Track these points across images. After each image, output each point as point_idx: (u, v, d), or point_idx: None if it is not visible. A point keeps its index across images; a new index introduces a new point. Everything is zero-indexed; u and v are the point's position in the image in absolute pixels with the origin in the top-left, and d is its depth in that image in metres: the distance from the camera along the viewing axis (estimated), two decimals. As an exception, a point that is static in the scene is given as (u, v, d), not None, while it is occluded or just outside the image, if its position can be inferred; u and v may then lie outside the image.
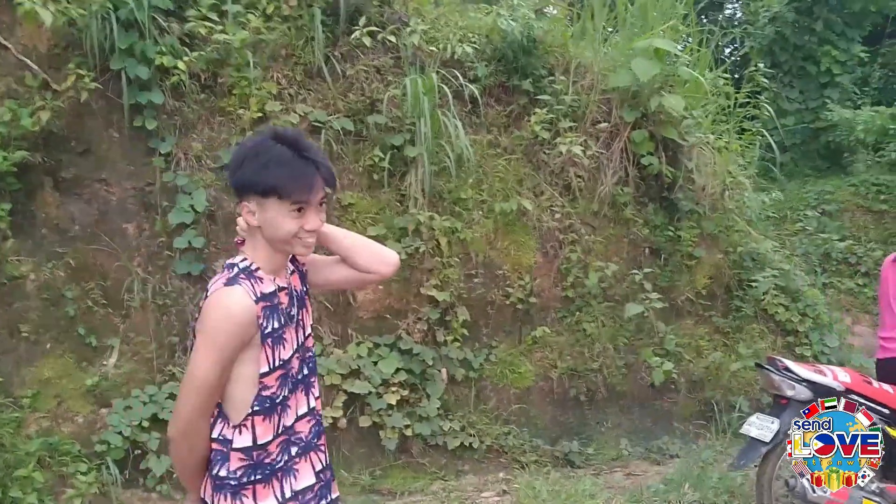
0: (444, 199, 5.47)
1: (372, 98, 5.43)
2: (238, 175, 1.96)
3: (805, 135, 9.94)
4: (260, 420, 1.95)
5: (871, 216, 8.84)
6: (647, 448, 5.86)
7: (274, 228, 1.94)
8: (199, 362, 1.89)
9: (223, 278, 1.95)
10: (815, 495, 4.09)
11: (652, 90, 6.06)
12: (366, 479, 4.96)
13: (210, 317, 1.90)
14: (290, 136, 1.98)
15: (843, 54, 9.72)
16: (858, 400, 4.17)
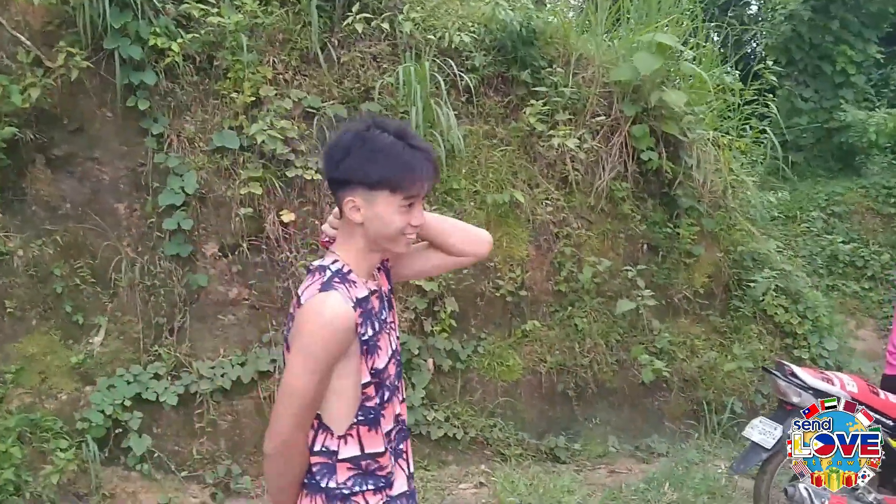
0: (435, 189, 5.43)
1: (366, 85, 5.41)
2: (344, 166, 1.84)
3: (818, 135, 9.79)
4: (365, 431, 1.89)
5: (881, 219, 8.71)
6: (634, 446, 5.82)
7: (382, 225, 1.84)
8: (297, 374, 1.79)
9: (317, 283, 1.83)
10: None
11: (654, 85, 5.99)
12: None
13: (307, 325, 1.79)
14: (393, 125, 1.89)
15: (859, 54, 9.56)
16: None
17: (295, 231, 5.13)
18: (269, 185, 5.04)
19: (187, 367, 4.85)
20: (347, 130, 1.89)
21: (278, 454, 1.86)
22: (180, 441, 4.84)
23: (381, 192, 1.81)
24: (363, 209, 1.83)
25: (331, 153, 1.88)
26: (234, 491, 4.75)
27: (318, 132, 5.24)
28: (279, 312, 5.07)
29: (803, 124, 9.79)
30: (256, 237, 5.08)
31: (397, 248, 1.91)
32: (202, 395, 4.79)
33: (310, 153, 5.18)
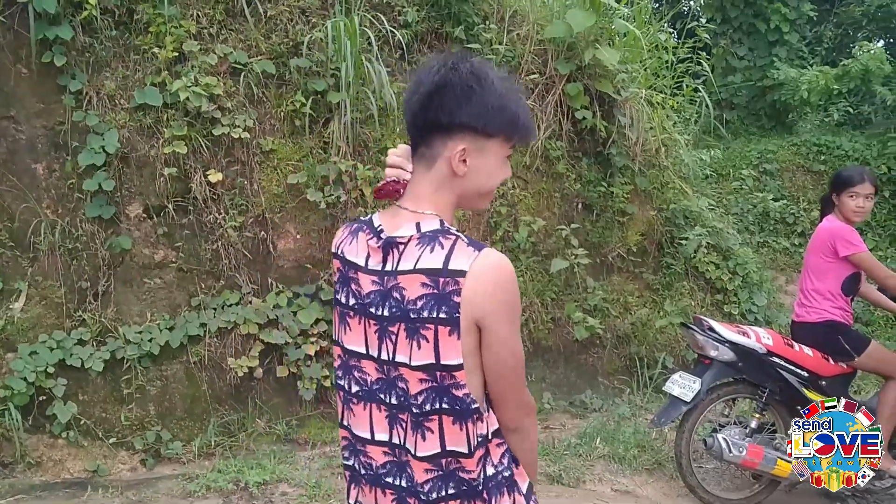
0: (369, 147, 5.35)
1: (295, 40, 5.26)
2: (466, 109, 1.55)
3: (752, 93, 9.91)
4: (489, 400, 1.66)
5: (811, 176, 8.89)
6: (569, 402, 5.90)
7: (486, 176, 1.62)
8: (518, 342, 1.59)
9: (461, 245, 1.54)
10: (732, 455, 4.17)
11: (587, 42, 5.96)
12: (281, 429, 4.92)
13: (508, 288, 1.54)
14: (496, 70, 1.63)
15: (792, 12, 9.66)
16: (779, 362, 4.24)
17: (223, 191, 5.01)
18: (194, 144, 4.90)
19: (113, 332, 4.73)
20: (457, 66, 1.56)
21: (533, 419, 1.71)
22: (108, 408, 4.74)
23: (495, 140, 1.59)
24: (472, 158, 1.58)
25: (443, 93, 1.55)
26: (165, 457, 4.68)
27: (245, 88, 5.09)
28: (208, 275, 4.97)
29: (737, 82, 9.90)
30: (183, 198, 4.94)
31: (485, 202, 1.70)
32: (129, 360, 4.68)
33: (237, 110, 5.04)
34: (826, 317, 4.33)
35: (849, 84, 9.51)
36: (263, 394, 5.02)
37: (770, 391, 4.27)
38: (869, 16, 11.93)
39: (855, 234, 4.29)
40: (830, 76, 9.33)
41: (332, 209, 5.14)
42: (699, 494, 4.37)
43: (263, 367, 4.94)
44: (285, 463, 4.52)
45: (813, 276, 4.39)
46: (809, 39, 11.14)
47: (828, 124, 9.98)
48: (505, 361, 1.57)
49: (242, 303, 4.98)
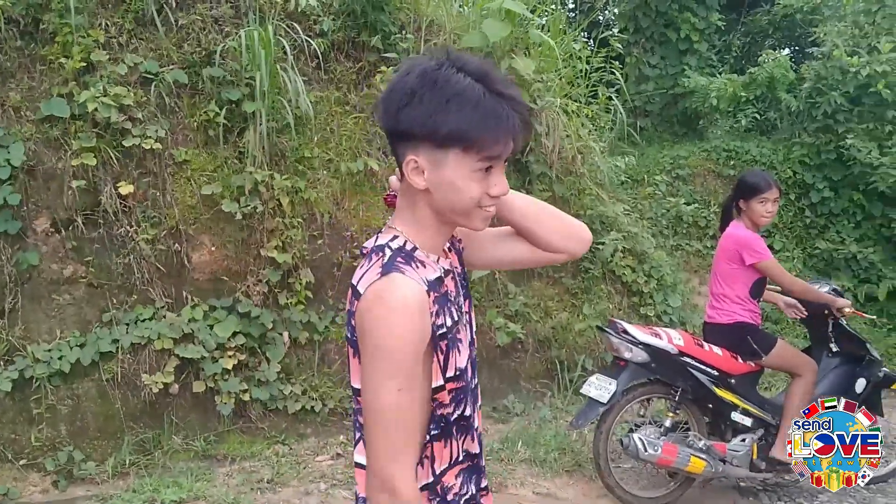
0: (286, 157, 5.31)
1: (208, 49, 5.19)
2: (405, 115, 1.43)
3: (664, 100, 10.18)
4: (440, 447, 1.52)
5: (721, 181, 9.17)
6: (492, 407, 5.95)
7: (452, 193, 1.46)
8: (384, 391, 1.39)
9: (375, 266, 1.45)
10: (647, 453, 4.27)
11: (504, 52, 6.05)
12: (199, 445, 4.83)
13: (375, 321, 1.39)
14: (473, 63, 1.46)
15: (701, 22, 9.96)
16: (690, 362, 4.37)
17: (134, 204, 4.90)
18: (104, 156, 4.78)
19: (21, 350, 4.57)
20: (412, 69, 1.46)
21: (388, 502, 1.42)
22: (17, 428, 4.57)
23: (451, 151, 1.42)
24: (428, 172, 1.45)
25: (390, 97, 1.46)
26: (78, 477, 4.53)
27: (156, 98, 4.99)
28: (120, 290, 4.85)
29: (650, 90, 10.15)
30: (92, 211, 4.81)
31: (472, 223, 1.53)
32: (39, 379, 4.52)
33: (148, 121, 4.94)
34: (736, 319, 4.49)
35: (756, 91, 9.87)
36: (180, 410, 4.92)
37: (682, 390, 4.40)
38: (775, 25, 12.40)
39: (761, 242, 4.45)
40: (738, 84, 9.66)
41: (249, 220, 5.08)
42: (617, 494, 4.46)
43: (179, 382, 4.84)
44: (203, 480, 4.43)
45: (722, 281, 4.54)
46: (719, 48, 11.50)
47: (737, 130, 10.31)
48: (365, 401, 1.44)
49: (156, 317, 4.87)
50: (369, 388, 1.42)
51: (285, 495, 4.35)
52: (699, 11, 10.07)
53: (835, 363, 4.80)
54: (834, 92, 8.42)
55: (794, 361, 4.54)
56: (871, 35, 8.58)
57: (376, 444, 1.42)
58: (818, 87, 8.69)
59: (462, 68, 1.44)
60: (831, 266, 8.58)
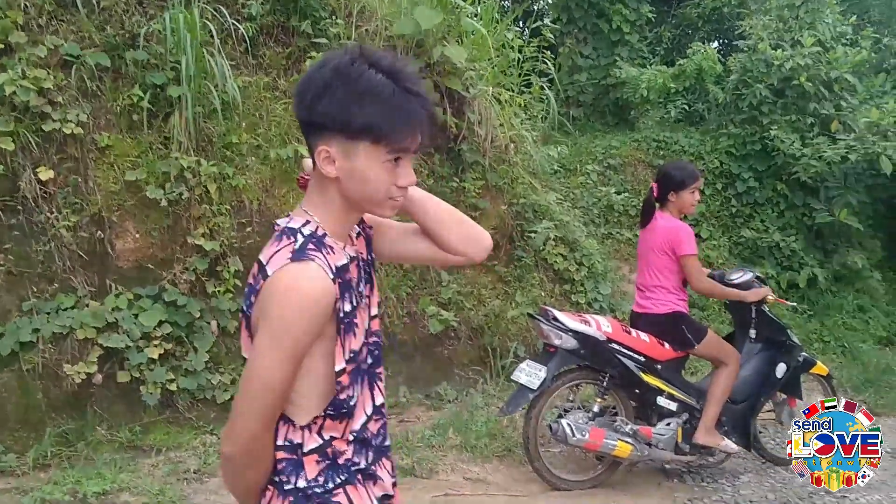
0: (213, 143, 5.21)
1: (132, 32, 5.05)
2: (320, 107, 1.49)
3: (597, 91, 10.33)
4: (329, 424, 1.59)
5: (651, 171, 9.31)
6: (425, 394, 5.97)
7: (361, 182, 1.53)
8: (268, 362, 1.47)
9: (286, 250, 1.50)
10: (575, 438, 4.33)
11: (436, 40, 6.04)
12: (124, 436, 4.71)
13: (279, 305, 1.46)
14: (386, 60, 1.52)
15: (633, 14, 10.13)
16: (617, 349, 4.44)
17: (55, 190, 4.75)
18: (23, 141, 4.61)
19: (-66, 342, 4.39)
20: (326, 63, 1.52)
21: (244, 455, 1.54)
22: (-68, 422, 4.40)
23: (362, 142, 1.49)
24: (339, 161, 1.51)
25: (304, 90, 1.53)
26: (-3, 470, 4.39)
27: (77, 82, 4.85)
28: (40, 278, 4.70)
29: (583, 81, 10.28)
30: (11, 197, 4.64)
31: (381, 211, 1.62)
32: (-46, 371, 4.37)
33: (69, 104, 4.79)
34: (672, 308, 4.57)
35: (685, 83, 10.10)
36: (104, 400, 4.80)
37: (611, 376, 4.48)
38: (704, 18, 12.66)
39: (693, 235, 4.55)
40: (668, 75, 9.87)
41: (175, 207, 4.98)
42: (546, 478, 4.53)
43: (103, 372, 4.72)
44: (127, 471, 4.33)
45: (657, 272, 4.58)
46: (650, 40, 11.70)
47: (666, 121, 10.52)
48: (247, 369, 1.52)
49: (79, 306, 4.74)
50: (255, 355, 1.50)
51: (212, 485, 4.29)
52: (630, 3, 10.24)
53: (756, 348, 4.95)
54: (759, 84, 8.66)
55: (721, 351, 4.63)
56: (794, 29, 8.84)
57: (240, 402, 1.53)
58: (744, 79, 8.93)
59: (374, 64, 1.50)
60: (755, 254, 8.83)
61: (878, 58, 10.53)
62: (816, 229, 8.93)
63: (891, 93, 9.38)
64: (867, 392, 6.78)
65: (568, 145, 9.23)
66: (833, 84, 8.66)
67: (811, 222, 8.82)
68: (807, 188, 8.76)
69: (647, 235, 4.68)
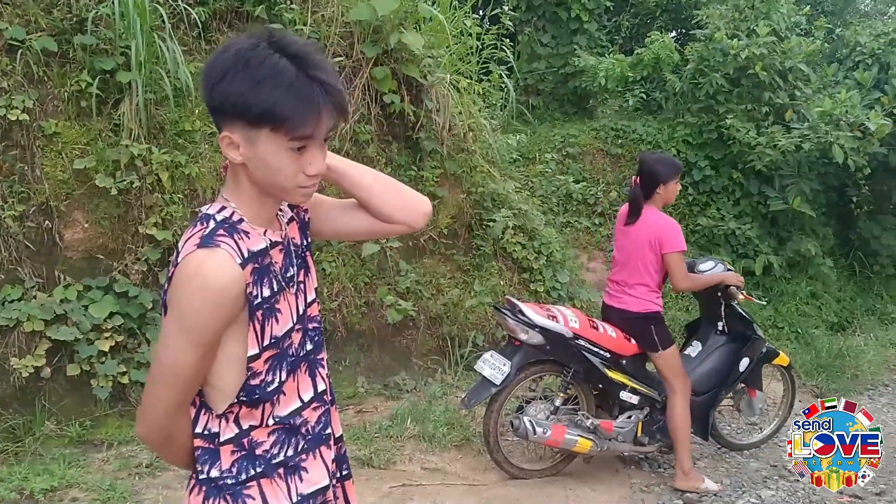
0: (165, 130, 5.10)
1: (79, 16, 4.91)
2: (218, 91, 1.45)
3: (556, 79, 10.29)
4: (245, 412, 1.57)
5: (609, 159, 9.37)
6: (383, 384, 5.93)
7: (266, 170, 1.50)
8: (173, 348, 1.48)
9: (196, 236, 1.49)
10: (536, 435, 4.31)
11: (393, 26, 5.97)
12: (74, 431, 4.61)
13: (183, 290, 1.45)
14: (294, 45, 1.47)
15: (591, 2, 10.12)
16: (584, 345, 4.42)
17: (1, 179, 4.61)
18: (-36, 127, 4.47)
19: None
20: (230, 46, 1.48)
21: (156, 437, 1.57)
22: None
23: (262, 129, 1.45)
24: (242, 148, 1.49)
25: (207, 73, 1.49)
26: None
27: (23, 67, 4.70)
28: (-16, 270, 4.56)
29: (542, 69, 10.25)
30: (-47, 186, 4.51)
31: (291, 199, 1.61)
32: None
33: (14, 90, 4.65)
34: (650, 308, 4.50)
35: (642, 72, 10.13)
36: (53, 394, 4.68)
37: (575, 371, 4.46)
38: (662, 7, 12.71)
39: (681, 231, 4.46)
40: (626, 64, 9.89)
41: (125, 195, 4.86)
42: (505, 468, 4.53)
43: (52, 366, 4.61)
44: (77, 467, 4.23)
45: (641, 269, 4.45)
46: (608, 29, 11.71)
47: (625, 110, 10.54)
48: (156, 357, 1.54)
49: (26, 298, 4.61)
50: (162, 342, 1.51)
51: (164, 480, 4.21)
52: (589, -9, 10.22)
53: (721, 341, 4.96)
54: (715, 73, 8.72)
55: (676, 369, 4.52)
56: (750, 18, 8.90)
57: (151, 393, 1.55)
58: (701, 68, 8.97)
59: (280, 49, 1.46)
60: (712, 242, 8.92)
61: (831, 48, 10.67)
62: (771, 217, 9.04)
63: (843, 82, 9.51)
64: (819, 377, 6.90)
65: (527, 134, 9.22)
66: (787, 74, 8.74)
67: (766, 210, 8.92)
68: (762, 176, 8.85)
69: (631, 230, 4.51)
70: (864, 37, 9.90)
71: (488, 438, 4.46)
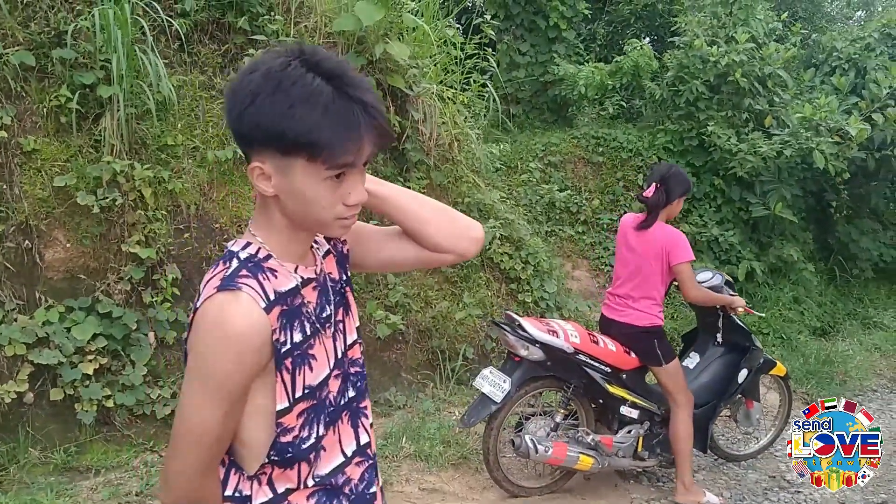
0: (147, 145, 4.96)
1: (58, 29, 4.76)
2: (247, 116, 1.30)
3: (535, 88, 10.27)
4: (279, 473, 1.42)
5: (591, 167, 9.35)
6: (374, 401, 5.81)
7: (302, 202, 1.35)
8: (194, 406, 1.32)
9: (217, 277, 1.35)
10: (538, 455, 4.22)
11: (378, 36, 5.89)
12: (59, 457, 4.44)
13: (202, 340, 1.31)
14: (328, 62, 1.32)
15: (569, 10, 10.11)
16: (584, 360, 4.34)
17: (-23, 198, 4.45)
18: (-61, 145, 4.31)
19: None
20: (257, 67, 1.33)
21: None
22: None
23: (298, 158, 1.31)
24: (275, 178, 1.34)
25: (233, 98, 1.33)
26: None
27: (0, 83, 4.54)
28: (-38, 294, 4.39)
29: (521, 78, 10.22)
30: (-73, 206, 4.33)
31: (329, 232, 1.46)
32: None
33: (-10, 107, 4.49)
34: (653, 322, 4.43)
35: (621, 79, 10.13)
36: (36, 420, 4.52)
37: (575, 386, 4.38)
38: (637, 14, 12.76)
39: (688, 241, 4.39)
40: (605, 72, 9.88)
41: (108, 213, 4.72)
42: (504, 487, 4.44)
43: (34, 390, 4.45)
44: (65, 496, 4.08)
45: (650, 283, 4.38)
46: (585, 37, 11.73)
47: (604, 118, 10.55)
48: (178, 413, 1.37)
49: (6, 321, 4.44)
50: (182, 402, 1.36)
51: (156, 508, 4.07)
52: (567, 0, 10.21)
53: (720, 352, 4.92)
54: (695, 80, 8.74)
55: (678, 384, 4.46)
56: (728, 26, 8.95)
57: (174, 456, 1.37)
58: (680, 75, 9.00)
59: (314, 67, 1.31)
60: (695, 248, 8.87)
61: (807, 53, 10.77)
62: (753, 223, 9.07)
63: (820, 88, 9.59)
64: (809, 384, 6.90)
65: (509, 143, 9.17)
66: (766, 80, 8.79)
67: (747, 216, 8.95)
68: (743, 183, 8.88)
69: (637, 242, 4.41)
70: (840, 42, 10.00)
71: (488, 457, 4.36)
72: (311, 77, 1.30)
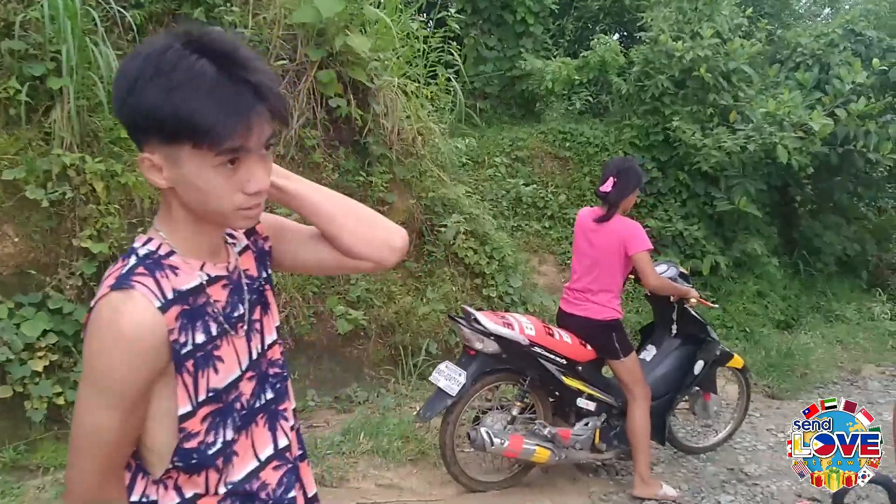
0: (99, 138, 4.86)
1: (7, 20, 4.64)
2: (128, 105, 1.23)
3: (503, 83, 10.26)
4: (185, 479, 1.34)
5: (558, 162, 9.36)
6: (334, 397, 5.77)
7: (195, 193, 1.27)
8: (90, 409, 1.25)
9: (112, 276, 1.27)
10: (494, 447, 4.20)
11: (338, 28, 5.82)
12: (8, 456, 4.35)
13: (93, 342, 1.24)
14: (213, 42, 1.24)
15: (536, 5, 10.10)
16: (540, 352, 4.32)
17: (-79, 191, 4.33)
18: None
19: None
20: (139, 51, 1.24)
21: None
22: None
23: (182, 147, 1.23)
24: (166, 170, 1.26)
25: (115, 85, 1.26)
26: None
27: (-56, 74, 4.43)
28: None
29: (489, 72, 10.20)
30: None
31: (231, 224, 1.35)
32: None
33: (-65, 98, 4.37)
34: (613, 316, 4.44)
35: (588, 74, 10.14)
36: (-17, 420, 4.42)
37: (531, 379, 4.37)
38: (605, 10, 12.78)
39: (643, 230, 4.40)
40: (572, 67, 9.88)
41: (58, 207, 4.62)
42: (462, 481, 4.41)
43: (-18, 389, 4.35)
44: (11, 495, 3.99)
45: (608, 275, 4.40)
46: (553, 32, 11.72)
47: (571, 113, 10.57)
48: (74, 420, 1.30)
49: (-48, 318, 4.35)
50: (77, 405, 1.29)
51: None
52: (534, -6, 10.20)
53: (676, 344, 4.93)
54: (661, 76, 8.76)
55: (635, 377, 4.47)
56: (693, 21, 8.97)
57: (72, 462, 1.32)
58: (646, 70, 9.02)
59: (199, 49, 1.23)
60: (659, 243, 8.95)
61: (772, 49, 10.83)
62: (717, 217, 9.12)
63: (784, 83, 9.65)
64: (770, 377, 6.95)
65: (475, 137, 9.14)
66: (731, 75, 8.82)
67: (712, 211, 9.00)
68: (708, 178, 8.93)
69: (594, 236, 4.42)
70: (804, 38, 10.07)
71: (445, 451, 4.34)
72: (195, 59, 1.22)
